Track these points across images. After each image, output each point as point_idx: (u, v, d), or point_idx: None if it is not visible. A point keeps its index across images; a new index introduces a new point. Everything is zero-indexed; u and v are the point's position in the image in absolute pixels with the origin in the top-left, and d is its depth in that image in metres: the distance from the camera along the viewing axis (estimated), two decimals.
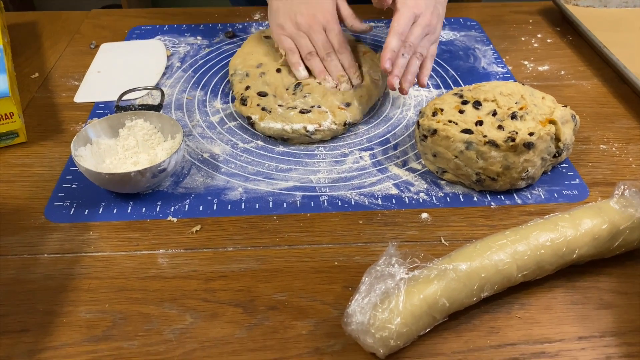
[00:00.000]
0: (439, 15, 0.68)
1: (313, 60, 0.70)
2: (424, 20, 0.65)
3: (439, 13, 0.68)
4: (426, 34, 0.66)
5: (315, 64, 0.69)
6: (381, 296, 0.41)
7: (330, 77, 0.69)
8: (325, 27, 0.69)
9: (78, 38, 0.87)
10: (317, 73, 0.69)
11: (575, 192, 0.58)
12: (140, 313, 0.46)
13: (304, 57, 0.70)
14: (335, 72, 0.69)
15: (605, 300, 0.47)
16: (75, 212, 0.56)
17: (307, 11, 0.69)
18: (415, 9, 0.65)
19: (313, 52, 0.70)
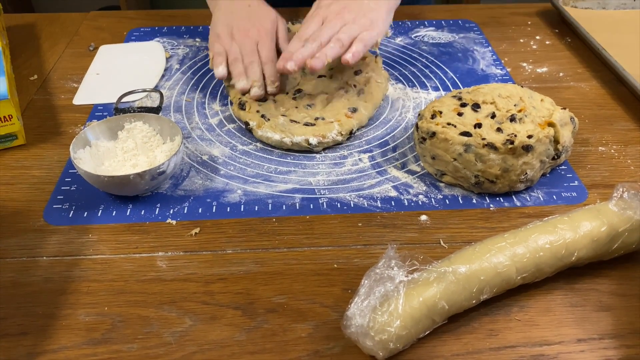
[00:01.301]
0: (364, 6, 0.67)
1: (236, 63, 0.70)
2: (333, 15, 0.66)
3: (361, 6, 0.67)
4: (344, 24, 0.65)
5: (236, 66, 0.70)
6: (380, 299, 0.41)
7: (245, 79, 0.69)
8: (257, 41, 0.71)
9: (77, 40, 0.87)
10: (234, 74, 0.70)
11: (574, 194, 0.58)
12: (140, 316, 0.46)
13: (229, 61, 0.71)
14: (251, 76, 0.69)
15: (604, 303, 0.47)
16: (74, 214, 0.56)
17: (243, 26, 0.72)
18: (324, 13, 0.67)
19: (239, 58, 0.70)
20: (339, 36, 0.64)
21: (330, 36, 0.64)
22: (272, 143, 0.63)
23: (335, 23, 0.65)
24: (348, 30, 0.65)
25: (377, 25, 0.66)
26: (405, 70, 0.79)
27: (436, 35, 0.87)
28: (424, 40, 0.86)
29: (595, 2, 0.92)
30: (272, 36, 0.73)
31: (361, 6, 0.67)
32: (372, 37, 0.65)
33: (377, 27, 0.66)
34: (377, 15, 0.67)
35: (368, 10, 0.67)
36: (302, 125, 0.63)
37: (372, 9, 0.67)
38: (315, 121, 0.64)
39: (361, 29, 0.65)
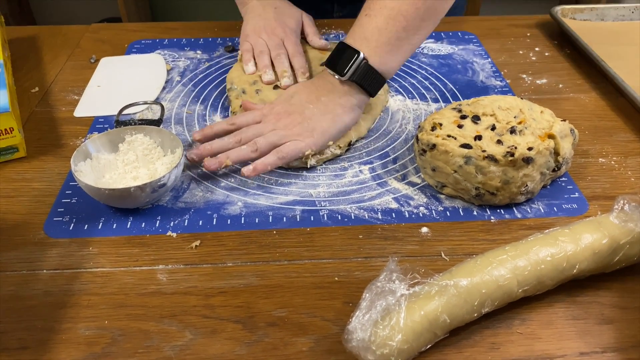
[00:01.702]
0: (306, 112, 0.63)
1: (262, 56, 0.74)
2: (272, 116, 0.63)
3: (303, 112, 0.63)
4: (274, 129, 0.61)
5: (262, 59, 0.74)
6: (382, 312, 0.41)
7: (272, 72, 0.73)
8: (283, 39, 0.76)
9: (78, 52, 0.87)
10: (260, 67, 0.73)
11: (574, 206, 0.58)
12: (140, 329, 0.46)
13: (256, 54, 0.75)
14: (280, 68, 0.73)
15: (606, 316, 0.47)
16: (74, 227, 0.55)
17: (270, 25, 0.77)
18: (267, 110, 0.64)
19: (265, 51, 0.75)
20: (257, 140, 0.60)
21: (254, 136, 0.61)
22: None
23: (267, 125, 0.62)
24: (272, 136, 0.60)
25: (311, 136, 0.61)
26: (404, 82, 0.79)
27: (435, 47, 0.87)
28: (424, 52, 0.86)
29: (593, 14, 0.93)
30: (297, 33, 0.79)
31: (303, 112, 0.62)
32: (296, 149, 0.60)
33: (309, 139, 0.60)
34: (317, 125, 0.61)
35: (309, 116, 0.62)
36: None
37: (313, 116, 0.62)
38: None
39: (288, 137, 0.61)
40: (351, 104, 0.63)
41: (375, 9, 0.61)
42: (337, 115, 0.63)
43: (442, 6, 0.63)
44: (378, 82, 0.63)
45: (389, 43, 0.61)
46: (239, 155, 0.60)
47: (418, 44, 0.64)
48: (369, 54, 0.61)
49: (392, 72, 0.64)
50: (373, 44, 0.61)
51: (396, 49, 0.62)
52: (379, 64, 0.61)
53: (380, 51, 0.61)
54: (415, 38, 0.63)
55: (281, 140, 0.60)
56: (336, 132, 0.63)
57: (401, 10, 0.60)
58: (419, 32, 0.63)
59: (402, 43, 0.62)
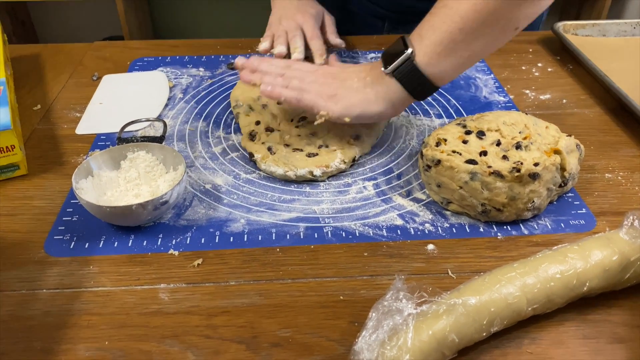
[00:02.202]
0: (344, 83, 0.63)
1: (279, 38, 0.77)
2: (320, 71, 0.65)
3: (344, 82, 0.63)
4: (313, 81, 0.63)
5: (279, 39, 0.77)
6: (389, 332, 0.40)
7: (284, 47, 0.76)
8: (301, 24, 0.78)
9: (80, 70, 0.87)
10: (276, 44, 0.77)
11: (582, 222, 0.57)
12: (141, 350, 0.45)
13: (275, 37, 0.78)
14: (293, 45, 0.75)
15: (618, 335, 0.46)
16: (75, 245, 0.55)
17: (291, 14, 0.80)
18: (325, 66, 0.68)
19: (283, 35, 0.78)
20: (293, 80, 0.63)
21: (295, 77, 0.63)
22: (276, 176, 0.63)
23: (310, 75, 0.64)
24: (306, 85, 0.62)
25: (335, 103, 0.61)
26: None
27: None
28: None
29: (595, 30, 0.93)
30: (316, 20, 0.80)
31: (345, 82, 0.63)
32: (314, 102, 0.61)
33: (332, 104, 0.61)
34: (347, 97, 0.61)
35: (346, 87, 0.62)
36: (305, 157, 0.63)
37: (349, 88, 0.62)
38: (318, 150, 0.64)
39: (318, 91, 0.62)
40: (388, 97, 0.61)
41: (437, 7, 0.58)
42: (368, 100, 0.61)
43: (512, 14, 0.55)
44: (422, 84, 0.59)
45: (441, 43, 0.56)
46: (269, 81, 0.63)
47: (480, 52, 0.58)
48: (418, 51, 0.58)
49: (443, 77, 0.59)
50: (425, 41, 0.57)
51: (449, 52, 0.57)
52: (426, 64, 0.58)
53: (430, 51, 0.57)
54: (476, 44, 0.57)
55: (311, 91, 0.62)
56: (358, 112, 0.61)
57: (459, 10, 0.55)
58: (481, 38, 0.56)
59: (457, 46, 0.56)
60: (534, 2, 0.55)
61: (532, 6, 0.55)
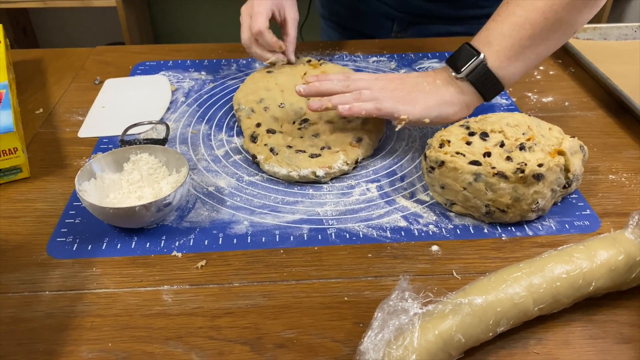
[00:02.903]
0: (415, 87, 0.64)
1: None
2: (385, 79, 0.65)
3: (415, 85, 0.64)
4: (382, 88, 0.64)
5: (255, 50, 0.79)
6: (395, 332, 0.40)
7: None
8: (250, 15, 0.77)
9: (83, 74, 0.87)
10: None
11: (586, 223, 0.57)
12: (145, 352, 0.44)
13: None
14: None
15: (625, 335, 0.45)
16: (78, 247, 0.54)
17: None
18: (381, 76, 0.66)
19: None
20: (363, 91, 0.63)
21: (362, 88, 0.63)
22: (279, 177, 0.63)
23: (377, 83, 0.64)
24: (378, 93, 0.63)
25: (414, 105, 0.62)
26: None
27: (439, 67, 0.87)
28: None
29: (596, 33, 0.93)
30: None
31: (415, 85, 0.64)
32: (394, 108, 0.61)
33: (410, 107, 0.62)
34: (423, 99, 0.63)
35: (420, 90, 0.63)
36: (308, 158, 0.63)
37: (423, 91, 0.63)
38: (320, 151, 0.64)
39: (392, 98, 0.63)
40: (462, 100, 0.64)
41: (503, 15, 0.62)
42: (445, 101, 0.63)
43: (574, 19, 0.61)
44: (494, 85, 0.63)
45: (512, 49, 0.61)
46: (341, 100, 0.62)
47: (544, 54, 0.63)
48: (489, 56, 0.61)
49: (511, 78, 0.63)
50: (495, 47, 0.61)
51: (518, 56, 0.61)
52: (497, 67, 0.62)
53: (501, 55, 0.61)
54: (541, 48, 0.62)
55: (384, 98, 0.62)
56: (437, 113, 0.63)
57: (528, 19, 0.60)
58: (546, 42, 0.62)
59: (525, 51, 0.61)
60: (592, 8, 0.61)
61: (590, 12, 0.62)
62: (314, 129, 0.68)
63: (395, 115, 0.62)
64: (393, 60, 0.90)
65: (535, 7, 0.60)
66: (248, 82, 0.77)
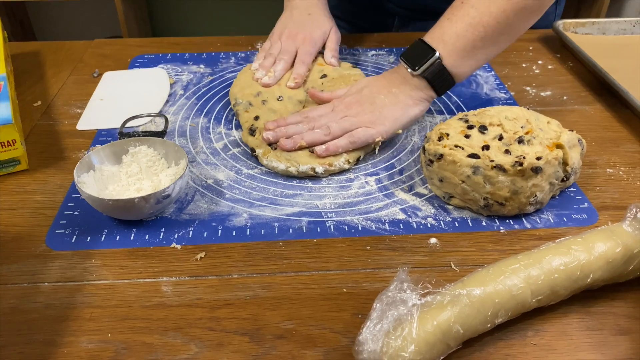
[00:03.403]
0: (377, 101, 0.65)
1: (269, 58, 0.77)
2: (342, 106, 0.66)
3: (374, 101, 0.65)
4: (345, 116, 0.64)
5: (267, 60, 0.77)
6: (394, 323, 0.40)
7: (263, 70, 0.76)
8: (299, 46, 0.77)
9: (81, 67, 0.87)
10: (261, 65, 0.77)
11: (584, 216, 0.57)
12: (144, 343, 0.45)
13: (266, 55, 0.78)
14: (274, 69, 0.75)
15: (621, 326, 0.46)
16: (77, 239, 0.54)
17: (295, 30, 0.79)
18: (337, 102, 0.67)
19: (274, 54, 0.77)
20: (330, 124, 0.63)
21: (326, 124, 0.64)
22: (278, 172, 0.63)
23: (338, 114, 0.65)
24: (344, 122, 0.63)
25: (383, 123, 0.64)
26: None
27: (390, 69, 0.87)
28: None
29: (595, 28, 0.93)
30: (316, 43, 0.78)
31: (374, 101, 0.65)
32: (367, 135, 0.63)
33: (381, 126, 0.64)
34: (388, 113, 0.64)
35: (380, 106, 0.65)
36: (308, 153, 0.63)
37: (384, 106, 0.65)
38: None
39: (360, 124, 0.64)
40: (420, 97, 0.66)
41: (458, 15, 0.64)
42: (407, 106, 0.65)
43: (522, 25, 0.65)
44: (448, 82, 0.65)
45: (465, 49, 0.63)
46: (312, 138, 0.63)
47: (493, 54, 0.67)
48: (444, 55, 0.63)
49: (463, 76, 0.66)
50: (449, 47, 0.63)
51: (471, 55, 0.64)
52: (451, 66, 0.64)
53: (455, 55, 0.63)
54: (492, 49, 0.65)
55: (353, 127, 0.64)
56: (406, 121, 0.66)
57: (482, 21, 0.62)
58: (496, 45, 0.65)
59: (477, 51, 0.64)
60: (537, 16, 0.65)
61: (534, 19, 0.65)
62: None
63: (370, 141, 0.63)
64: (392, 54, 0.90)
65: (490, 10, 0.62)
66: (242, 76, 0.77)
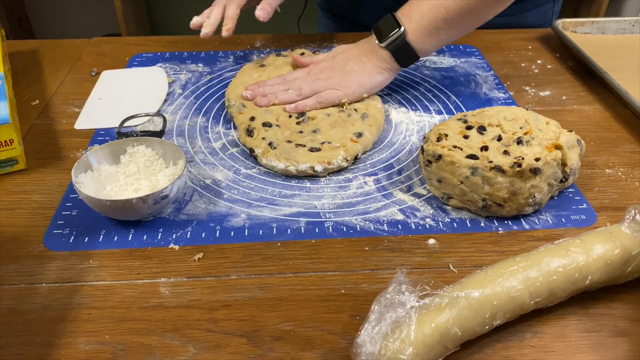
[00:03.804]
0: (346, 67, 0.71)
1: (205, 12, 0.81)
2: (316, 70, 0.73)
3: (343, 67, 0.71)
4: (317, 79, 0.71)
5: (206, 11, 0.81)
6: (392, 325, 0.40)
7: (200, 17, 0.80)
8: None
9: (79, 65, 0.87)
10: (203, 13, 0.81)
11: (583, 217, 0.57)
12: (142, 344, 0.44)
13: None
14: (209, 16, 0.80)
15: (620, 328, 0.46)
16: (74, 240, 0.54)
17: None
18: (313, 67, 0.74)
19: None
20: (302, 86, 0.70)
21: (299, 85, 0.71)
22: (277, 171, 0.63)
23: (311, 76, 0.72)
24: (314, 85, 0.71)
25: (349, 86, 0.70)
26: (407, 94, 0.79)
27: (438, 60, 0.87)
28: (426, 65, 0.86)
29: (594, 27, 0.93)
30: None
31: (343, 67, 0.72)
32: (334, 96, 0.70)
33: (347, 89, 0.70)
34: (355, 78, 0.71)
35: (348, 72, 0.71)
36: (307, 152, 0.62)
37: (352, 71, 0.71)
38: (321, 145, 0.63)
39: (329, 87, 0.70)
40: (385, 67, 0.71)
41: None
42: (373, 73, 0.71)
43: (485, 12, 0.68)
44: (411, 57, 0.70)
45: (428, 28, 0.68)
46: (285, 97, 0.70)
47: (457, 36, 0.71)
48: (409, 31, 0.68)
49: (427, 53, 0.71)
50: (414, 24, 0.68)
51: (433, 34, 0.69)
52: (415, 42, 0.69)
53: (418, 32, 0.68)
54: (453, 32, 0.69)
55: (322, 89, 0.70)
56: (371, 86, 0.72)
57: (444, 4, 0.66)
58: (457, 27, 0.69)
59: (440, 31, 0.68)
60: (502, 4, 0.68)
61: (499, 6, 0.69)
62: (313, 124, 0.68)
63: (337, 102, 0.70)
64: None
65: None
66: (238, 77, 0.77)
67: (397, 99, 0.78)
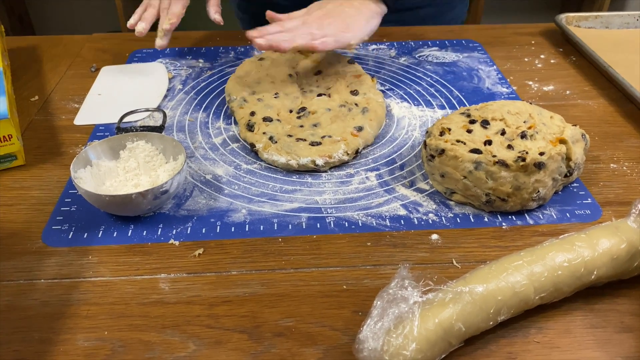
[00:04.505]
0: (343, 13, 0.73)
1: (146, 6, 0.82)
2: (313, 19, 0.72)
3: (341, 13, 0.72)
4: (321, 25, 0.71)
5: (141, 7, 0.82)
6: (394, 321, 0.39)
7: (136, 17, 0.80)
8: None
9: (79, 61, 0.86)
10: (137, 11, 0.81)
11: (587, 212, 0.56)
12: (141, 340, 0.44)
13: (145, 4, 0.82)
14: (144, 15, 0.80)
15: (626, 324, 0.45)
16: (73, 235, 0.54)
17: None
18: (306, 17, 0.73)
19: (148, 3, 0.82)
20: (312, 31, 0.70)
21: (309, 31, 0.70)
22: (278, 166, 0.62)
23: (312, 25, 0.71)
24: (322, 29, 0.70)
25: (353, 29, 0.72)
26: (410, 89, 0.78)
27: (440, 55, 0.87)
28: (428, 60, 0.85)
29: (598, 22, 0.92)
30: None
31: (341, 13, 0.73)
32: (345, 38, 0.71)
33: (353, 31, 0.71)
34: (355, 22, 0.72)
35: (347, 16, 0.73)
36: (308, 145, 0.62)
37: (351, 16, 0.73)
38: (321, 139, 0.63)
39: (336, 30, 0.71)
40: (377, 10, 0.75)
41: None
42: (369, 17, 0.74)
43: None
44: None
45: None
46: (301, 40, 0.68)
47: None
48: None
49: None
50: None
51: None
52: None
53: None
54: None
55: (331, 31, 0.70)
56: (369, 29, 0.74)
57: None
58: None
59: None
60: None
61: None
62: (314, 118, 0.67)
63: (346, 44, 0.71)
64: (393, 48, 0.89)
65: None
66: (238, 72, 0.76)
67: (400, 93, 0.77)
